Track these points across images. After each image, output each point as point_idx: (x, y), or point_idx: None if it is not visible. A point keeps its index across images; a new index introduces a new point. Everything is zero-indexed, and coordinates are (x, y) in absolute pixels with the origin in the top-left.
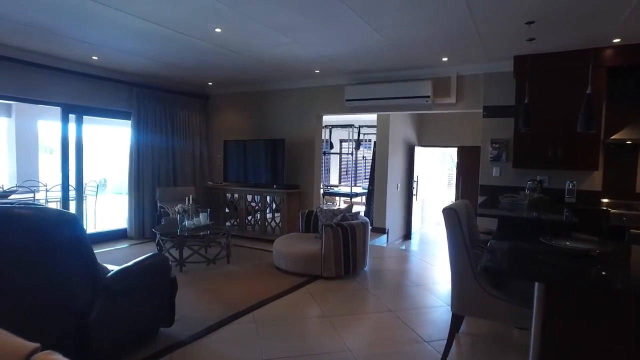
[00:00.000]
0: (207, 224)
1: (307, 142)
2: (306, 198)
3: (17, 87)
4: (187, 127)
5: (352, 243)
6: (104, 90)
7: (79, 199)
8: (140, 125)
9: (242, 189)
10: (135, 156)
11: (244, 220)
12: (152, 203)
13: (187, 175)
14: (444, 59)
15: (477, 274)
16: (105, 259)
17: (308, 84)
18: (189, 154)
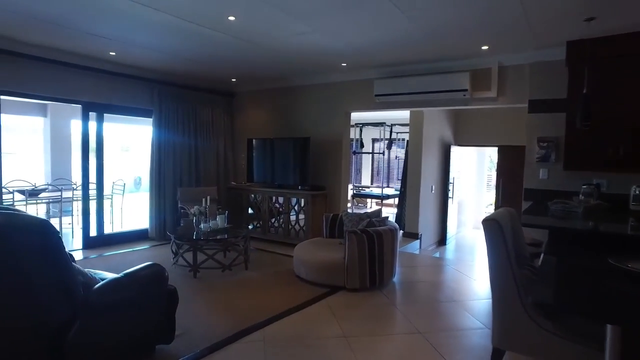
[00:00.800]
0: (225, 227)
1: (334, 140)
2: (332, 200)
3: (38, 84)
4: (210, 125)
5: (378, 251)
6: (124, 88)
7: (99, 197)
8: (162, 124)
9: (266, 189)
10: (157, 155)
11: (267, 223)
12: (173, 203)
13: (210, 175)
14: (484, 47)
15: (525, 302)
16: (121, 261)
17: (334, 78)
18: (212, 153)
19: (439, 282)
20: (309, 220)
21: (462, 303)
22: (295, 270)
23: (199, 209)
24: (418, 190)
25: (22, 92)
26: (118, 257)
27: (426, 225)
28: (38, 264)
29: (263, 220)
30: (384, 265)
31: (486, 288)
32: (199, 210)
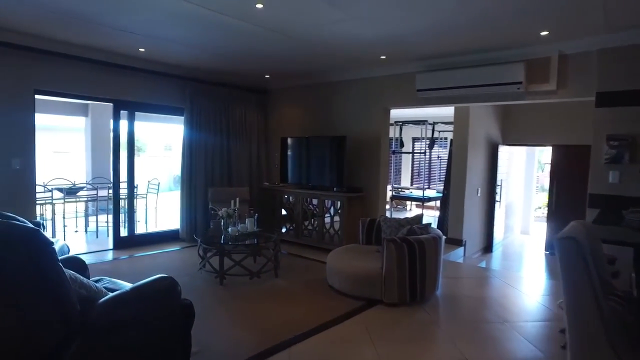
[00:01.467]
0: (254, 230)
1: (373, 139)
2: (370, 203)
3: (71, 83)
4: (243, 123)
5: (420, 263)
6: (155, 86)
7: (130, 197)
8: (194, 122)
9: (300, 191)
10: (188, 154)
11: (301, 226)
12: (204, 204)
13: (242, 174)
14: (543, 33)
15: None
16: (150, 263)
17: (373, 73)
18: (244, 152)
19: (487, 297)
20: (345, 224)
21: (515, 325)
22: (328, 280)
23: (227, 211)
24: (462, 193)
25: (56, 90)
26: (147, 259)
27: (471, 231)
28: (25, 278)
29: (296, 223)
30: (425, 278)
31: (539, 305)
32: (226, 212)
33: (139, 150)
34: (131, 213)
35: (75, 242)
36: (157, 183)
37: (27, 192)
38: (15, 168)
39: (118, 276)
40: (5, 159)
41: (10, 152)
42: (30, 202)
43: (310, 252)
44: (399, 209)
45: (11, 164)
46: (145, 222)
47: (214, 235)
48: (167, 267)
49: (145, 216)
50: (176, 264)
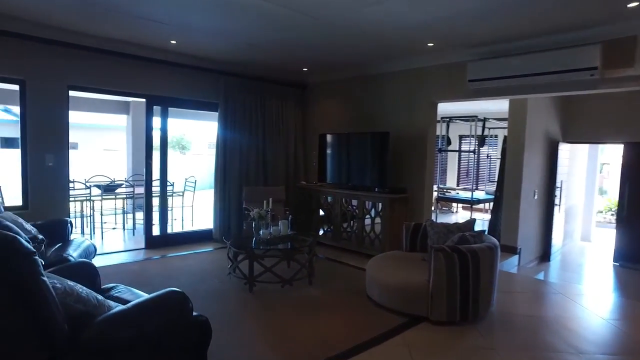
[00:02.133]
0: (287, 233)
1: (418, 136)
2: (414, 205)
3: (103, 78)
4: (280, 119)
5: (473, 276)
6: (189, 80)
7: (162, 195)
8: (228, 117)
9: (339, 191)
10: (222, 151)
11: (339, 228)
12: (238, 203)
13: (278, 173)
14: (632, 4)
15: None
16: (180, 264)
17: (419, 62)
18: (281, 149)
19: (550, 317)
20: (387, 227)
21: (590, 356)
22: (368, 290)
23: (259, 212)
24: (518, 195)
25: (89, 86)
26: (177, 260)
27: (527, 237)
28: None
29: (334, 225)
30: (479, 294)
31: (619, 331)
32: (258, 213)
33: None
34: (164, 212)
35: (111, 239)
36: (194, 181)
37: (60, 189)
38: (48, 165)
39: (145, 278)
40: (40, 155)
41: (44, 149)
42: (63, 198)
43: (348, 257)
44: (444, 211)
45: (45, 161)
46: (181, 220)
47: (245, 237)
48: (196, 270)
49: (181, 214)
50: (206, 267)
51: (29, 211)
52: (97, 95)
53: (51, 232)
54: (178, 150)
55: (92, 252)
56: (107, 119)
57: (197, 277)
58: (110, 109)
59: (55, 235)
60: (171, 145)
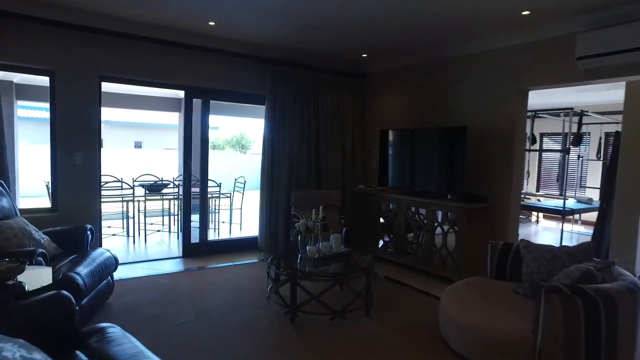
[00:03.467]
0: (340, 251)
1: (503, 132)
2: (497, 218)
3: (138, 68)
4: (335, 113)
5: (607, 331)
6: (232, 69)
7: (202, 198)
8: (276, 112)
9: (402, 197)
10: (269, 150)
11: (403, 242)
12: (286, 209)
13: (333, 175)
14: None
15: None
16: (218, 279)
17: (507, 40)
18: (336, 148)
19: None
20: (463, 244)
21: None
22: (442, 331)
23: (306, 223)
24: (636, 207)
25: (122, 77)
26: (214, 274)
27: None
28: None
29: (397, 238)
30: (616, 354)
31: None
32: (305, 225)
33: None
34: (204, 217)
35: (152, 244)
36: (243, 182)
37: (90, 190)
38: (77, 163)
39: (172, 296)
40: (68, 154)
41: (72, 147)
42: (93, 201)
43: (414, 278)
44: (522, 220)
45: (73, 160)
46: (229, 223)
47: (289, 252)
48: (234, 288)
49: (229, 217)
50: (245, 284)
51: (58, 214)
52: (150, 91)
53: (68, 241)
54: (238, 149)
55: (111, 265)
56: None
57: (233, 298)
58: (164, 107)
59: (72, 245)
60: (231, 144)
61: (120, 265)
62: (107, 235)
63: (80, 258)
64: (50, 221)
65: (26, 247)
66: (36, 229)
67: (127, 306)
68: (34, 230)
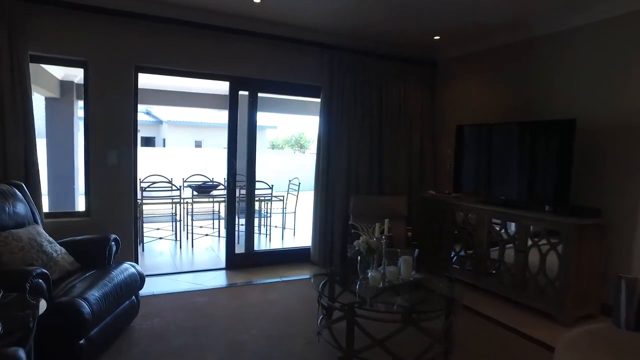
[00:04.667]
0: (411, 279)
1: (627, 127)
2: (616, 239)
3: (177, 56)
4: (401, 106)
5: None
6: (282, 57)
7: (248, 202)
8: (333, 105)
9: (485, 207)
10: (325, 148)
11: (485, 262)
12: (343, 217)
13: (398, 179)
14: None
15: None
16: (257, 300)
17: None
18: (402, 147)
19: None
20: (570, 270)
21: None
22: None
23: (367, 241)
24: None
25: (161, 67)
26: (257, 291)
27: None
28: None
29: (477, 257)
30: None
31: None
32: (366, 244)
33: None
34: (250, 224)
35: (198, 250)
36: (298, 183)
37: (124, 192)
38: (109, 163)
39: (203, 321)
40: (100, 152)
41: (105, 145)
42: (126, 204)
43: (500, 309)
44: None
45: (106, 159)
46: (282, 228)
47: (346, 274)
48: (279, 312)
49: (282, 222)
50: (293, 307)
51: (90, 219)
52: (208, 88)
53: (88, 253)
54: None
55: (134, 283)
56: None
57: (275, 328)
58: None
59: (92, 258)
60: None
61: (158, 277)
62: (152, 238)
63: (97, 276)
64: (82, 226)
65: (33, 262)
66: (50, 240)
67: (151, 333)
68: (47, 241)
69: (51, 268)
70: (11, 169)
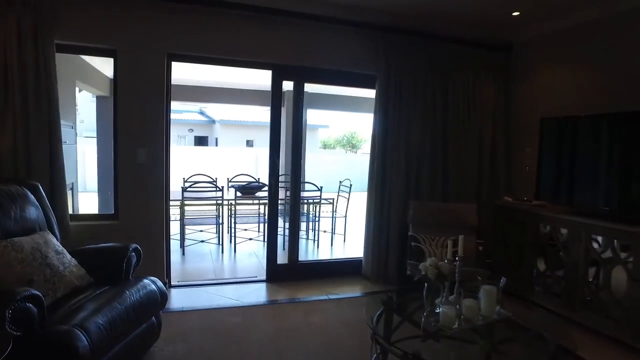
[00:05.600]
0: (495, 316)
1: None
2: None
3: (212, 41)
4: (470, 98)
5: None
6: (331, 41)
7: (293, 207)
8: (390, 97)
9: (579, 219)
10: (380, 147)
11: (582, 288)
12: (401, 225)
13: (466, 182)
14: None
15: None
16: (297, 324)
17: None
18: (471, 144)
19: None
20: None
21: None
22: None
23: (437, 264)
24: None
25: (195, 54)
26: (300, 312)
27: None
28: None
29: (571, 281)
30: None
31: None
32: (436, 268)
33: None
34: (294, 230)
35: (240, 256)
36: (349, 184)
37: (155, 194)
38: (139, 162)
39: (239, 347)
40: (129, 150)
41: (134, 141)
42: (157, 206)
43: (607, 353)
44: None
45: (135, 157)
46: (331, 233)
47: (405, 309)
48: (321, 343)
49: (331, 227)
50: (339, 336)
51: (119, 223)
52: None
53: (104, 265)
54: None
55: (153, 303)
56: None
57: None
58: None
59: (108, 271)
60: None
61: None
62: (194, 241)
63: (108, 295)
64: (109, 231)
65: (33, 278)
66: (59, 250)
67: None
68: (55, 251)
69: (55, 284)
70: (34, 167)
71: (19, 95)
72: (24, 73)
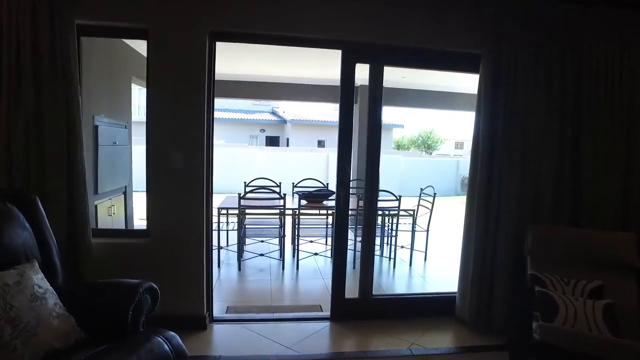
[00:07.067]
0: None
1: None
2: None
3: (264, 15)
4: (614, 82)
5: None
6: (420, 10)
7: (367, 225)
8: (501, 83)
9: None
10: (485, 150)
11: None
12: (514, 257)
13: (607, 201)
14: None
15: None
16: None
17: None
18: (616, 149)
19: None
20: None
21: None
22: None
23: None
24: None
25: (243, 30)
26: None
27: None
28: None
29: None
30: None
31: None
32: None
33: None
34: (367, 257)
35: (302, 277)
36: (433, 193)
37: (193, 205)
38: (175, 167)
39: None
40: (162, 153)
41: (168, 143)
42: (195, 224)
43: None
44: None
45: (170, 162)
46: (409, 256)
47: None
48: None
49: (411, 243)
50: None
51: (149, 240)
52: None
53: (105, 312)
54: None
55: None
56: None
57: None
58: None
59: (110, 320)
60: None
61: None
62: (253, 255)
63: (116, 352)
64: (138, 251)
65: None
66: (38, 295)
67: None
68: (31, 297)
69: (15, 350)
70: (50, 170)
71: (32, 87)
72: (38, 59)
